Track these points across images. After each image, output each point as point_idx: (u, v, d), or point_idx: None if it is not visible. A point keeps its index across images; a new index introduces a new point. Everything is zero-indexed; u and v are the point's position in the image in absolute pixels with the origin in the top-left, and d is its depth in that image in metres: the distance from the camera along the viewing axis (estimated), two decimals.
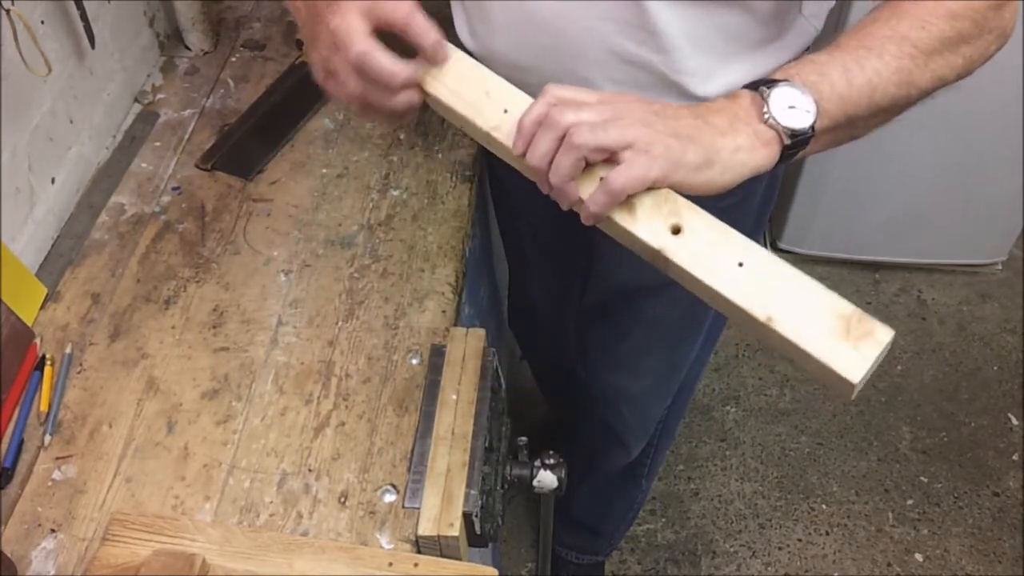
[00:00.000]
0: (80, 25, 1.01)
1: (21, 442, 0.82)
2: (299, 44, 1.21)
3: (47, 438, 0.82)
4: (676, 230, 0.60)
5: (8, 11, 0.86)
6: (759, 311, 0.57)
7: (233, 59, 1.22)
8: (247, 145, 1.09)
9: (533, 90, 0.89)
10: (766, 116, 0.61)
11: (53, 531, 0.77)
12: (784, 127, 0.61)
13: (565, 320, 1.33)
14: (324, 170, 1.07)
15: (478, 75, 0.67)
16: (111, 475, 0.80)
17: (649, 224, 0.60)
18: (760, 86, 0.62)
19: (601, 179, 0.60)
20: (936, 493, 1.80)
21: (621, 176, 0.58)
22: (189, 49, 1.22)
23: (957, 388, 1.95)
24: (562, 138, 0.59)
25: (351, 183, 1.05)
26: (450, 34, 0.95)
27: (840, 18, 1.64)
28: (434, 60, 0.66)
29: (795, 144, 0.62)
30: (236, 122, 1.12)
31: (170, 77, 1.20)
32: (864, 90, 0.63)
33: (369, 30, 0.65)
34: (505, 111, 0.65)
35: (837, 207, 1.99)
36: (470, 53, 0.92)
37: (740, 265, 0.58)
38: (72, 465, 0.81)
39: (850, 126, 0.66)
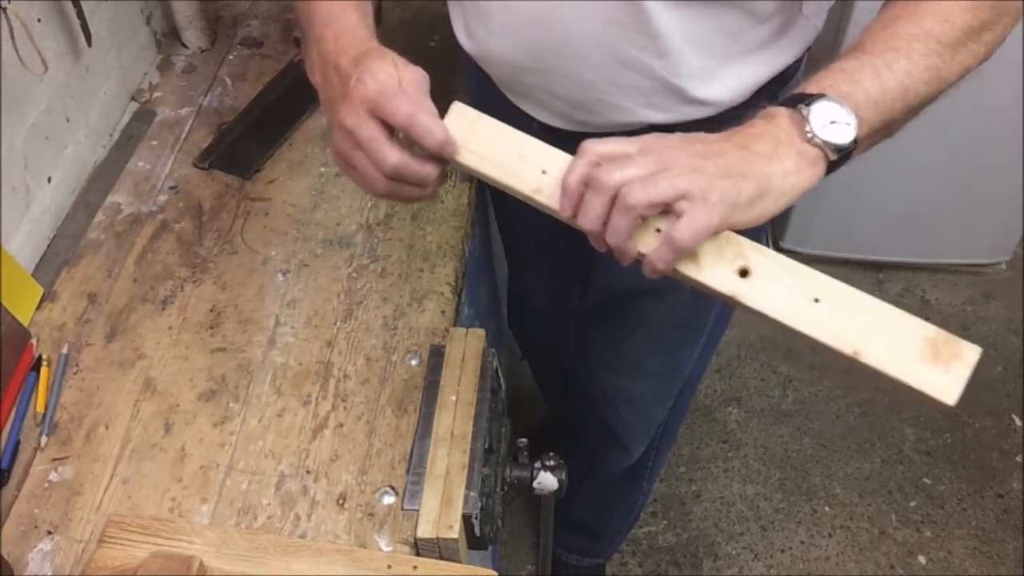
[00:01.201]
0: (77, 23, 1.00)
1: (18, 443, 0.82)
2: (296, 42, 1.20)
3: (43, 439, 0.82)
4: (744, 272, 0.59)
5: (5, 9, 0.85)
6: (844, 346, 0.56)
7: (230, 57, 1.21)
8: (245, 144, 1.08)
9: (533, 91, 0.89)
10: (809, 135, 0.60)
11: (50, 533, 0.76)
12: (830, 144, 0.60)
13: (565, 321, 1.32)
14: (322, 169, 1.06)
15: (507, 138, 0.65)
16: (108, 476, 0.79)
17: (715, 271, 0.59)
18: (797, 103, 0.61)
19: (657, 230, 0.58)
20: (939, 495, 1.79)
21: (685, 232, 0.56)
22: (186, 47, 1.22)
23: None
24: (613, 199, 0.57)
25: (349, 182, 1.04)
26: (447, 31, 0.94)
27: (842, 18, 1.63)
28: (441, 157, 0.64)
29: (840, 159, 0.61)
30: (233, 121, 1.11)
31: (167, 75, 1.19)
32: (897, 93, 0.63)
33: (388, 134, 0.63)
34: (543, 172, 0.63)
35: (840, 207, 1.98)
36: (467, 52, 0.91)
37: (816, 301, 0.58)
38: (69, 466, 0.80)
39: (885, 129, 0.65)
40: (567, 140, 0.94)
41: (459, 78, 1.13)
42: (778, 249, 2.05)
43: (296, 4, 0.76)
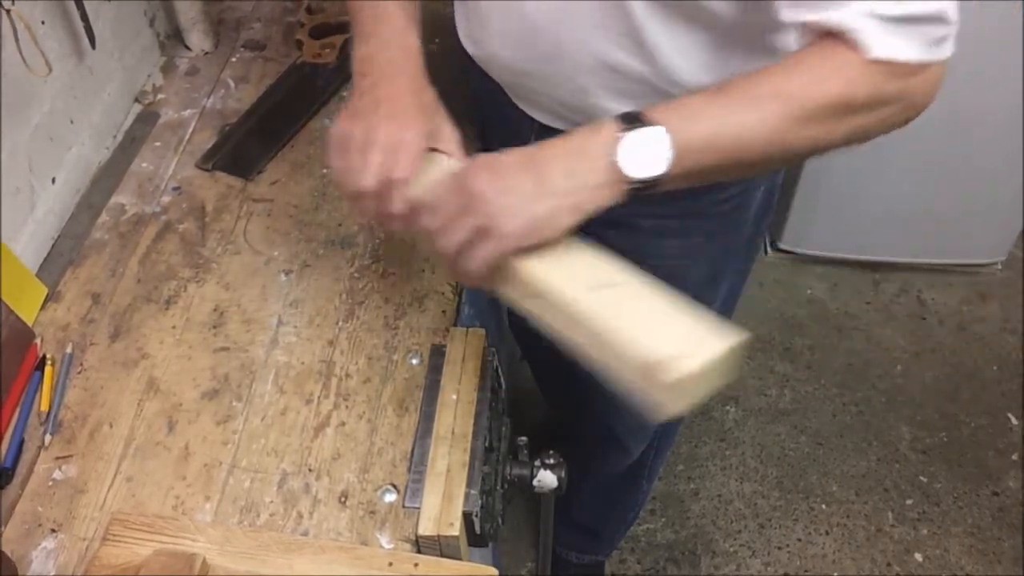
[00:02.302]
0: (80, 25, 1.01)
1: (22, 442, 0.82)
2: (299, 44, 1.21)
3: (47, 438, 0.82)
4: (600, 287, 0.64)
5: (8, 11, 0.86)
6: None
7: (233, 59, 1.22)
8: (247, 145, 1.09)
9: (533, 95, 0.90)
10: (614, 160, 0.63)
11: (53, 531, 0.77)
12: (628, 175, 0.63)
13: None
14: (324, 170, 1.07)
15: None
16: (111, 475, 0.80)
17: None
18: (629, 122, 0.63)
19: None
20: (936, 493, 1.80)
21: (472, 263, 0.64)
22: (189, 49, 1.22)
23: (957, 388, 1.95)
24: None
25: None
26: (448, 34, 0.95)
27: None
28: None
29: (642, 187, 0.64)
30: (236, 122, 1.12)
31: (170, 77, 1.20)
32: (728, 143, 0.64)
33: None
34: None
35: (837, 207, 1.99)
36: (471, 57, 0.93)
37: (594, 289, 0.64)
38: (72, 465, 0.81)
39: (709, 174, 0.67)
40: None
41: (461, 80, 1.13)
42: (776, 250, 2.07)
43: None
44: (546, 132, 0.93)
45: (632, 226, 1.01)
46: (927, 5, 0.64)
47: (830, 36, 0.65)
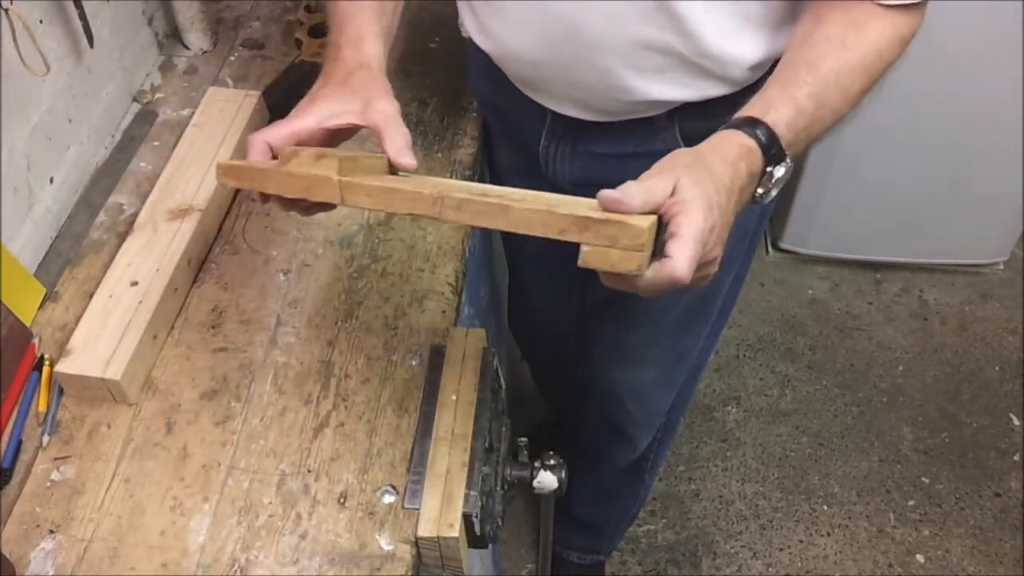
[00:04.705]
0: (79, 24, 1.01)
1: (20, 442, 0.82)
2: (298, 43, 1.20)
3: (46, 438, 0.82)
4: None
5: (7, 10, 0.86)
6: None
7: (232, 58, 1.21)
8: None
9: (551, 84, 0.90)
10: (759, 191, 0.69)
11: (52, 532, 0.76)
12: (761, 193, 0.70)
13: (566, 319, 1.33)
14: None
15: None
16: (110, 476, 0.80)
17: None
18: (770, 164, 0.68)
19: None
20: (937, 494, 1.79)
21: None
22: (188, 48, 1.22)
23: (958, 388, 1.95)
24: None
25: None
26: (448, 32, 0.95)
27: None
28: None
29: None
30: None
31: (169, 76, 1.19)
32: (819, 119, 0.72)
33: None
34: None
35: (838, 207, 1.99)
36: (479, 49, 0.92)
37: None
38: (71, 466, 0.81)
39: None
40: (582, 129, 0.94)
41: (461, 78, 1.13)
42: (777, 250, 2.06)
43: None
44: (558, 120, 0.94)
45: None
46: None
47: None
